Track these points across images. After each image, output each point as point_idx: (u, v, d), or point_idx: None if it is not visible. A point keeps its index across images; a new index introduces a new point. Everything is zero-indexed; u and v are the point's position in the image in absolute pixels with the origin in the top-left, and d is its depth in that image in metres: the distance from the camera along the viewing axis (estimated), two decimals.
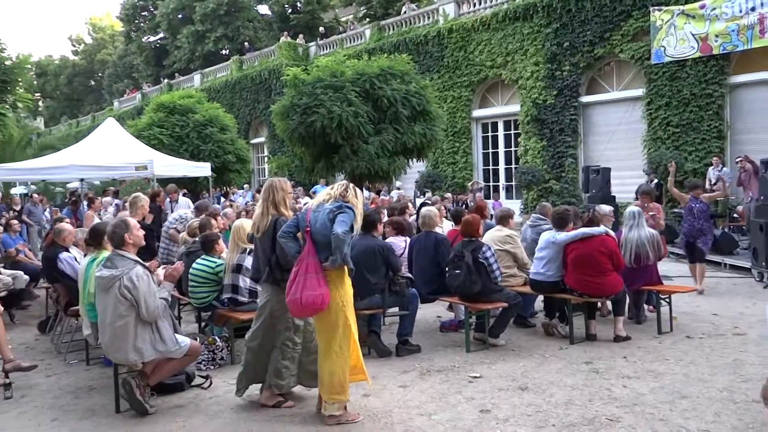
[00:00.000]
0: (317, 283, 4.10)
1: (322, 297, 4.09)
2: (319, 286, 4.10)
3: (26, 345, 7.12)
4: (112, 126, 13.74)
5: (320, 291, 4.10)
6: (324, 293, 4.09)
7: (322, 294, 4.09)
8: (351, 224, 4.15)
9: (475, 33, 19.13)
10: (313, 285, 4.10)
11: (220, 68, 30.82)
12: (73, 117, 48.26)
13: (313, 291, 4.09)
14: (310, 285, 4.10)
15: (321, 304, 4.12)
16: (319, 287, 4.10)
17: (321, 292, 4.10)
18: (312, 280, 4.11)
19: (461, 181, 19.55)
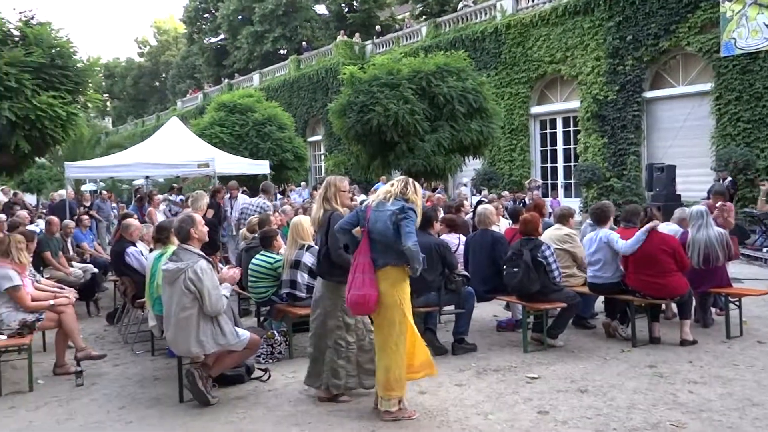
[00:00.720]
0: (364, 282, 4.16)
1: (366, 297, 4.14)
2: (364, 286, 4.16)
3: (96, 335, 7.44)
4: (175, 125, 14.21)
5: (365, 291, 4.15)
6: (369, 294, 4.13)
7: (366, 294, 4.14)
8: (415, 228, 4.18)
9: (534, 28, 18.79)
10: (360, 285, 4.17)
11: (278, 68, 31.36)
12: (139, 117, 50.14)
13: (358, 291, 4.17)
14: (358, 284, 4.18)
15: (365, 305, 4.18)
16: (364, 287, 4.16)
17: (366, 292, 4.14)
18: (360, 280, 4.18)
19: (518, 179, 19.27)
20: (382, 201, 4.28)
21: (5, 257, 5.54)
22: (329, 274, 4.64)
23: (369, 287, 4.16)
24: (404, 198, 4.24)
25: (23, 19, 7.36)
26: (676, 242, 5.98)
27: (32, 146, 7.09)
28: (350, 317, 4.64)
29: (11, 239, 5.63)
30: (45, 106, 6.73)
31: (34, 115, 6.69)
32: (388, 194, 4.26)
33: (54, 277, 8.19)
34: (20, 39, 7.14)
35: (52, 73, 7.02)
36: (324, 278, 4.72)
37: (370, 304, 4.18)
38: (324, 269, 4.66)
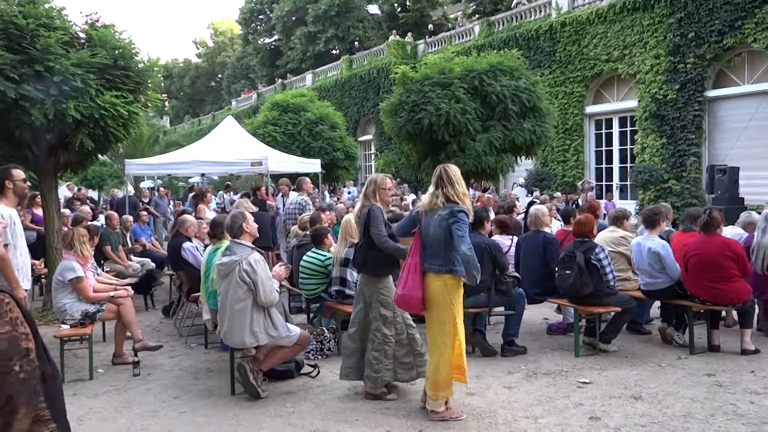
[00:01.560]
0: (410, 283, 4.25)
1: (410, 298, 4.24)
2: (409, 287, 4.24)
3: (152, 327, 7.68)
4: (230, 124, 14.54)
5: (410, 292, 4.23)
6: (414, 295, 4.22)
7: (410, 295, 4.23)
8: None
9: (590, 26, 18.36)
10: (406, 285, 4.27)
11: (331, 68, 31.65)
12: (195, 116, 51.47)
13: (404, 290, 4.27)
14: (405, 284, 4.27)
15: (409, 304, 4.30)
16: (410, 288, 4.24)
17: (411, 293, 4.23)
18: (406, 280, 4.27)
19: (571, 180, 18.86)
20: (432, 207, 4.28)
21: (69, 250, 5.79)
22: (364, 266, 4.72)
23: (414, 288, 4.24)
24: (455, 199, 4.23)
25: (89, 22, 7.63)
26: (740, 247, 5.74)
27: (95, 144, 7.33)
28: (388, 310, 4.67)
29: (75, 233, 5.88)
30: (108, 106, 6.96)
31: (98, 114, 6.93)
32: (436, 198, 4.27)
33: (113, 270, 8.52)
34: (86, 41, 7.42)
35: (115, 74, 7.26)
36: (361, 271, 4.79)
37: (413, 303, 4.28)
38: (359, 261, 4.74)
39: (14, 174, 4.57)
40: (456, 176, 4.29)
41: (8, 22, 6.61)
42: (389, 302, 4.66)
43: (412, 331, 4.82)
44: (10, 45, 6.57)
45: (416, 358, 4.77)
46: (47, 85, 6.61)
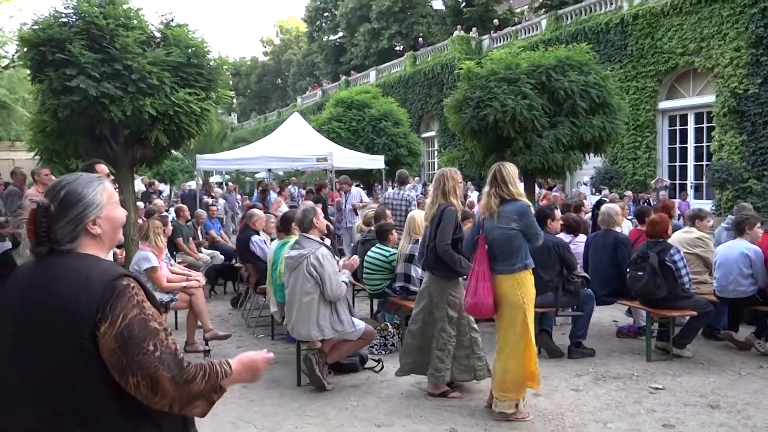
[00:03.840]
0: (480, 290, 4.20)
1: (480, 306, 4.21)
2: (479, 294, 4.19)
3: (221, 317, 7.91)
4: (296, 120, 14.77)
5: (480, 300, 4.20)
6: (485, 302, 4.19)
7: (480, 303, 4.20)
8: None
9: (665, 18, 17.63)
10: (475, 292, 4.22)
11: (394, 64, 31.69)
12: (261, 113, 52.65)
13: (474, 298, 4.23)
14: (474, 292, 4.22)
15: (481, 311, 4.27)
16: (480, 295, 4.19)
17: (481, 300, 4.19)
18: (475, 287, 4.23)
19: (642, 178, 18.21)
20: (493, 211, 4.25)
21: (145, 241, 6.03)
22: (435, 267, 4.66)
23: (485, 296, 4.20)
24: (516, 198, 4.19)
25: (164, 22, 7.93)
26: None
27: (170, 139, 7.62)
28: (454, 311, 4.63)
29: (151, 224, 6.12)
30: (182, 102, 7.22)
31: (173, 111, 7.19)
32: (497, 199, 4.22)
33: (184, 261, 8.81)
34: (161, 40, 7.71)
35: (188, 72, 7.50)
36: (430, 272, 4.73)
37: (486, 310, 4.24)
38: (430, 263, 4.66)
39: (98, 169, 4.78)
40: (510, 175, 4.23)
41: (90, 22, 6.94)
42: (457, 303, 4.62)
43: (475, 335, 4.77)
44: (92, 45, 6.89)
45: (475, 361, 4.73)
46: (125, 82, 6.90)
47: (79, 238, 1.68)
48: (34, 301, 1.62)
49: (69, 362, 1.57)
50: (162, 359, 1.58)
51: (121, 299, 1.58)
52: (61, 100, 6.80)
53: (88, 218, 1.69)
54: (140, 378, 1.56)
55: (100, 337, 1.55)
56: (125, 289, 1.60)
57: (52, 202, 1.66)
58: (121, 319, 1.56)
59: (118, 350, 1.55)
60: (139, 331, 1.57)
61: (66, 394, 1.58)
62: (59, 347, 1.57)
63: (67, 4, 7.21)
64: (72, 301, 1.56)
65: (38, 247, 1.66)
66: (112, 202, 1.76)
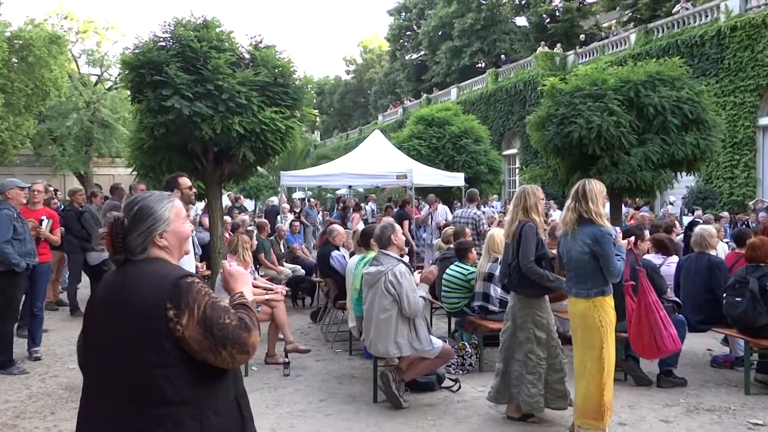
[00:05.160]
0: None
1: None
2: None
3: (301, 331, 8.05)
4: (377, 138, 14.96)
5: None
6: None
7: None
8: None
9: (766, 29, 16.64)
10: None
11: (476, 81, 31.57)
12: (343, 130, 53.74)
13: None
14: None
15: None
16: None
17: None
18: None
19: (740, 198, 17.15)
20: (566, 230, 4.14)
21: (234, 254, 6.25)
22: (519, 286, 4.51)
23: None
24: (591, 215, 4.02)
25: (253, 44, 8.28)
26: None
27: (256, 156, 7.91)
28: (542, 331, 4.47)
29: (239, 239, 6.34)
30: (268, 121, 7.48)
31: (259, 129, 7.46)
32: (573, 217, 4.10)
33: (267, 275, 9.06)
34: (250, 61, 8.04)
35: (275, 91, 7.77)
36: (514, 291, 4.60)
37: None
38: (514, 282, 4.52)
39: (181, 182, 5.01)
40: (593, 192, 4.05)
41: (185, 45, 7.33)
42: (544, 323, 4.48)
43: (565, 359, 4.59)
44: (186, 66, 7.27)
45: (568, 385, 4.52)
46: (216, 102, 7.23)
47: (148, 249, 1.89)
48: (113, 301, 1.85)
49: (141, 352, 1.76)
50: (236, 327, 1.80)
51: (191, 293, 1.79)
52: (158, 119, 7.21)
53: (156, 232, 1.90)
54: (231, 348, 1.78)
55: (182, 329, 1.75)
56: (191, 284, 1.81)
57: (126, 216, 1.89)
58: (197, 308, 1.77)
59: (204, 333, 1.76)
60: (214, 312, 1.79)
61: (138, 383, 1.77)
62: (133, 340, 1.76)
63: (165, 29, 7.67)
64: (142, 299, 1.78)
65: (116, 256, 1.88)
66: (180, 218, 1.98)
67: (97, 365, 1.88)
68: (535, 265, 4.32)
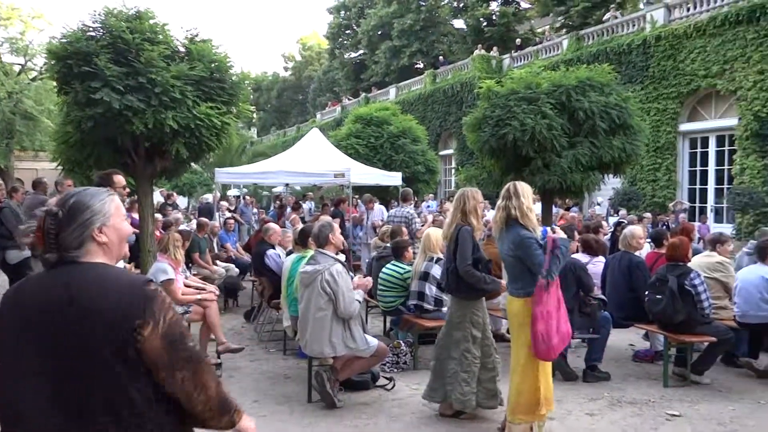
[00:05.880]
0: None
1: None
2: None
3: (234, 330, 7.92)
4: (315, 136, 14.86)
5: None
6: None
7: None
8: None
9: (688, 40, 17.54)
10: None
11: (414, 82, 31.83)
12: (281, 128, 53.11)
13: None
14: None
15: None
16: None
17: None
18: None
19: (661, 200, 18.01)
20: (497, 223, 4.25)
21: (164, 253, 6.07)
22: (456, 289, 4.57)
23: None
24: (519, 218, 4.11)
25: (188, 37, 8.05)
26: None
27: (190, 152, 7.71)
28: (478, 331, 4.56)
29: (170, 237, 6.16)
30: (203, 116, 7.30)
31: (194, 124, 7.27)
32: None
33: (200, 273, 8.85)
34: (185, 54, 7.82)
35: (211, 86, 7.60)
36: (452, 294, 4.66)
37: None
38: (452, 285, 4.58)
39: (115, 180, 4.83)
40: (524, 190, 4.17)
41: (117, 37, 7.07)
42: (480, 323, 4.56)
43: (498, 357, 4.69)
44: (117, 58, 7.01)
45: (499, 385, 4.63)
46: (148, 96, 7.00)
47: (85, 245, 1.70)
48: (62, 310, 1.61)
49: (106, 366, 1.59)
50: (201, 354, 1.71)
51: (156, 302, 1.64)
52: (86, 112, 6.92)
53: (95, 225, 1.72)
54: (186, 372, 1.65)
55: (143, 339, 1.60)
56: (156, 292, 1.67)
57: (60, 209, 1.70)
58: (163, 319, 1.63)
59: (166, 347, 1.63)
60: (179, 330, 1.68)
61: (103, 398, 1.60)
62: (96, 354, 1.59)
63: (95, 19, 7.37)
64: (107, 308, 1.59)
65: (47, 255, 1.69)
66: (119, 215, 1.81)
67: (35, 383, 1.61)
68: (472, 269, 4.38)
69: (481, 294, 4.56)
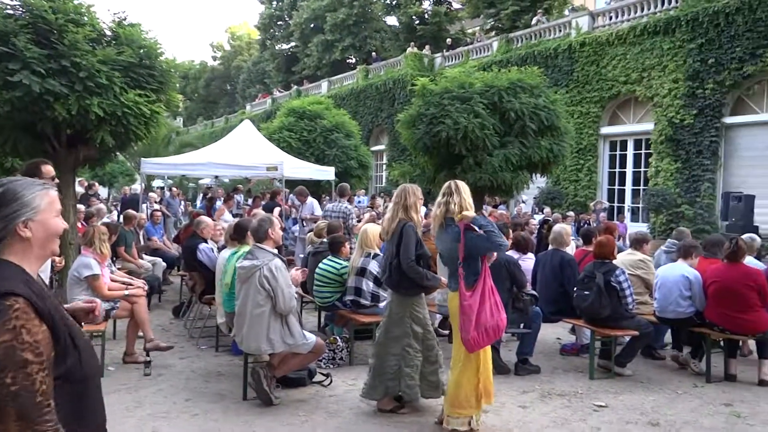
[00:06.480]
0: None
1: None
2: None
3: (162, 327, 7.65)
4: (247, 128, 14.53)
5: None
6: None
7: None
8: None
9: (610, 47, 18.34)
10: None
11: (347, 76, 31.75)
12: (208, 118, 51.72)
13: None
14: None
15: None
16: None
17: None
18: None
19: (583, 199, 18.79)
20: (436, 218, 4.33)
21: (89, 247, 5.78)
22: (398, 285, 4.59)
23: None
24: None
25: (116, 20, 7.69)
26: (762, 277, 5.66)
27: (116, 141, 7.37)
28: (419, 326, 4.60)
29: (96, 230, 5.86)
30: (131, 104, 6.99)
31: (121, 112, 6.95)
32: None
33: (125, 268, 8.50)
34: (112, 38, 7.46)
35: (140, 72, 7.28)
36: (394, 290, 4.68)
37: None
38: (394, 280, 4.60)
39: (44, 171, 4.54)
40: (465, 188, 4.30)
41: (38, 16, 6.65)
42: (421, 318, 4.60)
43: (439, 351, 4.75)
44: (38, 39, 6.60)
45: (442, 376, 4.70)
46: (72, 80, 6.63)
47: (5, 239, 1.60)
48: None
49: None
50: (16, 395, 1.48)
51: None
52: (2, 95, 6.47)
53: (20, 218, 1.62)
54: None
55: None
56: (5, 310, 1.50)
57: None
58: None
59: None
60: (2, 358, 1.47)
61: None
62: None
63: None
64: None
65: None
66: (52, 210, 1.69)
67: None
68: (415, 265, 4.42)
69: (422, 290, 4.61)
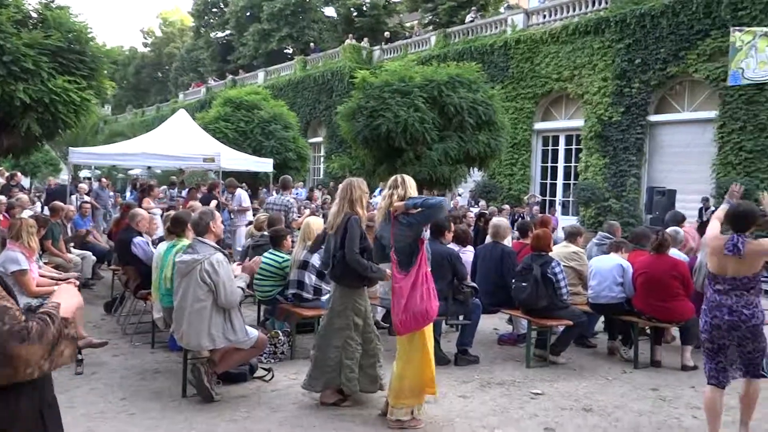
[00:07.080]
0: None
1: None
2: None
3: (93, 323, 7.35)
4: (182, 117, 14.08)
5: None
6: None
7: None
8: None
9: (543, 45, 18.88)
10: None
11: (284, 67, 31.30)
12: (138, 106, 49.88)
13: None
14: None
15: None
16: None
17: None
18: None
19: (517, 193, 19.31)
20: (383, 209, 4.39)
21: (16, 241, 5.48)
22: (342, 277, 4.61)
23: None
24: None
25: (43, 2, 7.32)
26: (685, 268, 6.00)
27: (43, 129, 7.04)
28: (360, 318, 4.62)
29: (23, 223, 5.57)
30: (60, 90, 6.69)
31: (48, 99, 6.65)
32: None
33: (52, 262, 8.12)
34: (39, 21, 7.11)
35: (69, 58, 6.98)
36: (337, 282, 4.68)
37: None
38: (338, 273, 4.61)
39: None
40: (411, 181, 4.39)
41: None
42: (362, 311, 4.63)
43: (379, 344, 4.79)
44: None
45: (380, 370, 4.74)
46: None
47: None
48: None
49: None
50: (12, 332, 1.57)
51: None
52: None
53: None
54: None
55: None
56: None
57: None
58: None
59: None
60: None
61: None
62: None
63: None
64: None
65: None
66: None
67: None
68: (360, 257, 4.43)
69: (366, 282, 4.63)
